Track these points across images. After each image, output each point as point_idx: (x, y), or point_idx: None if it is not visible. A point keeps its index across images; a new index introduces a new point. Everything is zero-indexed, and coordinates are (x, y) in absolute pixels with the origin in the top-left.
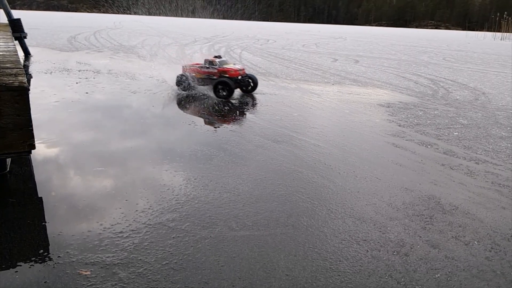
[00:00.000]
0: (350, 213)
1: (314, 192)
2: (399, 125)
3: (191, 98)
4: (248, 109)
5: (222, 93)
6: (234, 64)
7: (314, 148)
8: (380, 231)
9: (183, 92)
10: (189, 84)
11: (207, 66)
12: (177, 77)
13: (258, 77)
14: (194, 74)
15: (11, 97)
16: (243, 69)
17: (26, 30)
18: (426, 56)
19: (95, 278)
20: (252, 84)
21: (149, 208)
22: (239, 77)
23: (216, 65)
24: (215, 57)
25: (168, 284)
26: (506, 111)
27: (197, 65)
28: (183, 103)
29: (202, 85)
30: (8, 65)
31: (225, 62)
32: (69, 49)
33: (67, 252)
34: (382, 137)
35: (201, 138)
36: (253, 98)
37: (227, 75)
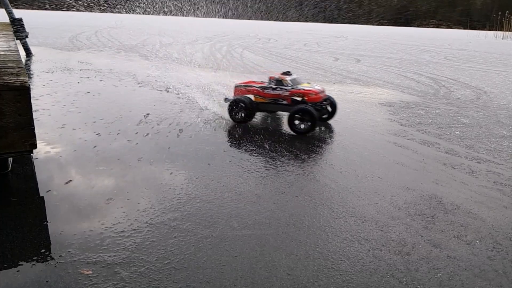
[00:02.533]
0: (352, 213)
1: (316, 191)
2: (401, 124)
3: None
4: None
5: (301, 125)
6: (309, 82)
7: (315, 148)
8: (381, 230)
9: (238, 122)
10: (249, 114)
11: (274, 86)
12: (229, 102)
13: (260, 76)
14: (252, 97)
15: (12, 97)
16: (324, 90)
17: (27, 29)
18: (427, 55)
19: (96, 278)
20: (330, 110)
21: (150, 208)
22: (320, 102)
23: (287, 86)
24: (284, 73)
25: (170, 284)
26: (507, 110)
27: (257, 85)
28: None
29: (263, 112)
30: (9, 65)
31: (298, 81)
32: (71, 48)
33: (69, 251)
34: (383, 136)
35: (204, 140)
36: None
37: (302, 98)
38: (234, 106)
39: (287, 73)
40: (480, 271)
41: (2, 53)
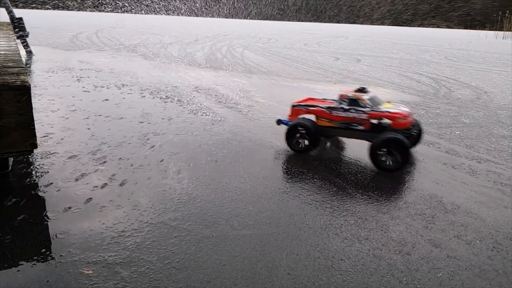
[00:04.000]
0: (352, 212)
1: (316, 191)
2: None
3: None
4: (249, 109)
5: (389, 160)
6: (389, 101)
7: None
8: (382, 230)
9: (299, 152)
10: (314, 141)
11: (346, 107)
12: (288, 127)
13: (260, 76)
14: (314, 119)
15: (13, 96)
16: (412, 113)
17: (28, 29)
18: (428, 55)
19: (97, 277)
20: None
21: (151, 207)
22: (408, 128)
23: (365, 107)
24: (359, 90)
25: (170, 283)
26: (508, 110)
27: (322, 104)
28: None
29: (327, 137)
30: (10, 64)
31: (377, 101)
32: (71, 48)
33: (69, 251)
34: None
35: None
36: (251, 99)
37: (380, 122)
38: (295, 132)
39: (362, 90)
40: (480, 271)
41: (2, 52)
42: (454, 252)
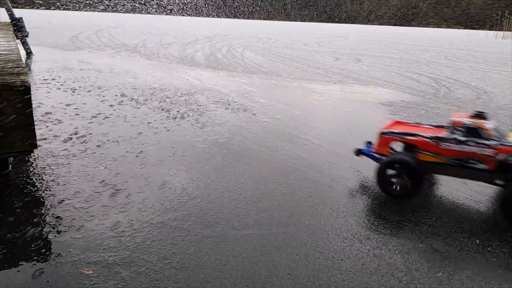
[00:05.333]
0: (353, 212)
1: (316, 191)
2: None
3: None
4: (250, 109)
5: None
6: None
7: (316, 147)
8: (382, 229)
9: (397, 197)
10: (417, 182)
11: (461, 138)
12: (379, 162)
13: (261, 76)
14: (402, 149)
15: (13, 96)
16: None
17: (28, 29)
18: (428, 55)
19: (97, 277)
20: None
21: (151, 207)
22: None
23: (490, 139)
24: (477, 116)
25: (170, 283)
26: (507, 109)
27: (424, 133)
28: None
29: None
30: (10, 64)
31: (502, 131)
32: (71, 48)
33: (69, 251)
34: None
35: (206, 137)
36: (251, 99)
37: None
38: (391, 170)
39: (480, 116)
40: (479, 270)
41: (2, 52)
42: (454, 251)
